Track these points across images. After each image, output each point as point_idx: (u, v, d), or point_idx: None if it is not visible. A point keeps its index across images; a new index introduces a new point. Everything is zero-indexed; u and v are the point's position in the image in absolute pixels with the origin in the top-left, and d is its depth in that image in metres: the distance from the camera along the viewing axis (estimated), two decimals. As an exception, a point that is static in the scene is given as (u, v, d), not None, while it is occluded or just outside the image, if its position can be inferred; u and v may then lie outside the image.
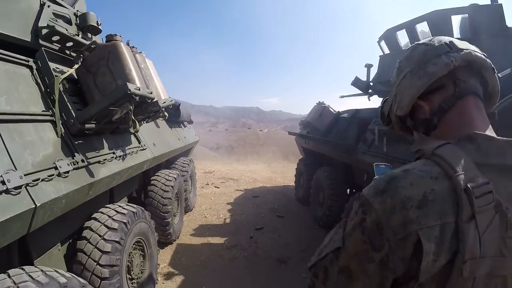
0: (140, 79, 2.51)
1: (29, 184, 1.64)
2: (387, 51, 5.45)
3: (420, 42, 0.94)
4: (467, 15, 4.22)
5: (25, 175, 1.64)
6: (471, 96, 0.84)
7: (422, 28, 4.68)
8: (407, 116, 0.96)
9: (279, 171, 13.36)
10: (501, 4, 4.18)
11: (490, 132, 0.81)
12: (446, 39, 0.88)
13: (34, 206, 1.61)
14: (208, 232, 5.81)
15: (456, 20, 4.43)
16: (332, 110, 6.79)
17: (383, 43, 5.49)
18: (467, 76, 0.85)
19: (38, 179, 1.72)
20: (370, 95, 6.51)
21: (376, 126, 4.12)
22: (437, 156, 0.73)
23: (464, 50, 0.83)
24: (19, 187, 1.57)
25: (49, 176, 1.81)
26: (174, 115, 5.50)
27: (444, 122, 0.86)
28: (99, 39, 3.55)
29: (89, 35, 3.16)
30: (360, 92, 6.62)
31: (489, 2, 4.40)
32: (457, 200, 0.66)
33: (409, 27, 4.75)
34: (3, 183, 1.49)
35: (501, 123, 2.42)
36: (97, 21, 3.00)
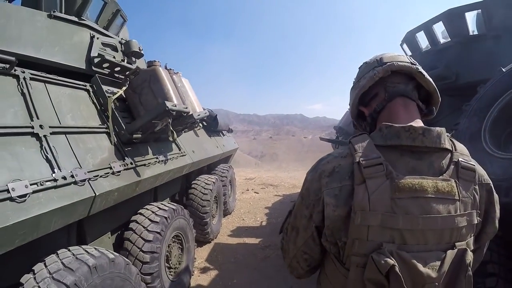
0: (177, 96, 3.09)
1: (91, 179, 2.22)
2: (409, 53, 5.47)
3: (365, 60, 1.19)
4: (480, 10, 4.16)
5: (88, 172, 2.22)
6: (399, 98, 1.06)
7: (441, 27, 4.67)
8: (360, 119, 1.23)
9: None
10: None
11: (415, 123, 0.99)
12: (380, 56, 1.12)
13: (94, 194, 2.17)
14: (244, 234, 6.21)
15: (471, 17, 4.39)
16: None
17: (405, 46, 5.50)
18: (396, 83, 1.08)
19: (98, 176, 2.30)
20: None
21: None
22: (350, 142, 0.98)
23: (387, 63, 1.06)
24: (84, 180, 2.15)
25: (105, 173, 2.39)
26: (212, 125, 6.05)
27: (379, 120, 1.09)
28: (142, 61, 4.19)
29: (133, 59, 3.80)
30: None
31: None
32: (353, 170, 0.91)
33: (426, 28, 4.76)
34: (73, 176, 2.06)
35: (505, 117, 2.53)
36: (139, 47, 3.62)
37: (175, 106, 2.79)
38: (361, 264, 0.87)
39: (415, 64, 1.06)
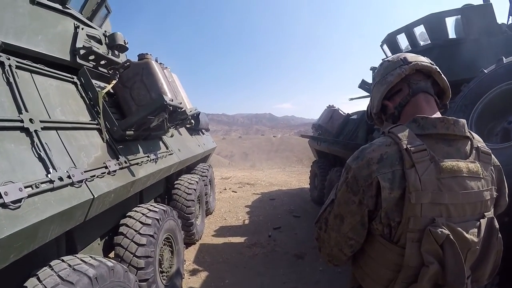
0: (170, 91, 2.86)
1: (88, 180, 1.97)
2: (389, 54, 5.61)
3: (386, 59, 1.29)
4: (460, 16, 4.40)
5: (84, 171, 1.97)
6: (422, 94, 1.18)
7: (421, 30, 4.89)
8: (380, 113, 1.30)
9: (294, 175, 13.58)
10: (491, 3, 4.37)
11: (437, 115, 1.13)
12: (403, 55, 1.22)
13: (92, 197, 1.92)
14: (228, 233, 6.07)
15: (450, 22, 4.62)
16: (342, 113, 7.00)
17: (385, 47, 5.65)
18: (418, 80, 1.19)
19: (94, 176, 2.05)
20: (365, 96, 6.70)
21: None
22: (390, 132, 1.07)
23: (413, 62, 1.17)
24: (81, 181, 1.89)
25: (101, 173, 2.14)
26: (194, 122, 5.83)
27: (404, 114, 1.20)
28: (125, 56, 3.91)
29: (117, 52, 3.52)
30: (368, 94, 6.82)
31: (481, 2, 4.59)
32: (402, 156, 1.00)
33: (408, 30, 4.96)
34: (70, 177, 1.81)
35: (488, 113, 2.65)
36: (124, 40, 3.35)
37: (172, 101, 2.57)
38: (416, 239, 0.96)
39: (433, 64, 1.19)
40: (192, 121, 3.73)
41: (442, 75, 1.20)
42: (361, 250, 1.15)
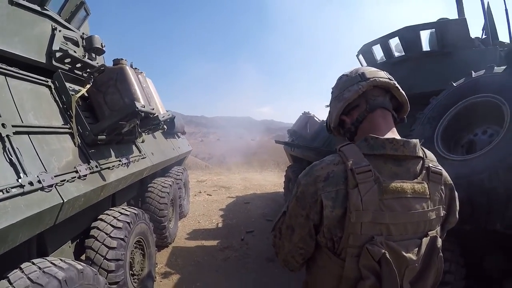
0: (143, 97, 2.93)
1: (58, 184, 2.03)
2: (365, 64, 5.76)
3: (344, 73, 1.31)
4: (434, 30, 4.52)
5: (54, 176, 2.03)
6: (379, 109, 1.20)
7: (396, 42, 5.00)
8: (339, 127, 1.33)
9: (269, 179, 13.73)
10: (465, 18, 4.53)
11: (391, 133, 1.17)
12: (361, 70, 1.24)
13: (62, 201, 1.98)
14: (201, 236, 6.13)
15: (425, 35, 4.73)
16: (317, 119, 7.20)
17: (361, 57, 5.79)
18: (376, 95, 1.21)
19: (64, 180, 2.11)
20: None
21: None
22: (340, 151, 1.12)
23: (371, 79, 1.19)
24: (51, 185, 1.95)
25: (72, 178, 2.19)
26: (169, 126, 5.86)
27: (361, 129, 1.22)
28: (102, 59, 3.94)
29: (93, 55, 3.56)
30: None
31: (456, 17, 4.80)
32: (347, 176, 1.05)
33: (383, 42, 5.09)
34: (40, 182, 1.87)
35: (454, 125, 2.79)
36: (101, 43, 3.40)
37: (144, 107, 2.65)
38: (355, 254, 1.02)
39: (392, 80, 1.22)
40: (165, 126, 3.80)
41: (401, 90, 1.23)
42: (313, 258, 1.21)
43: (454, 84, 2.99)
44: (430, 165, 1.13)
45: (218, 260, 5.05)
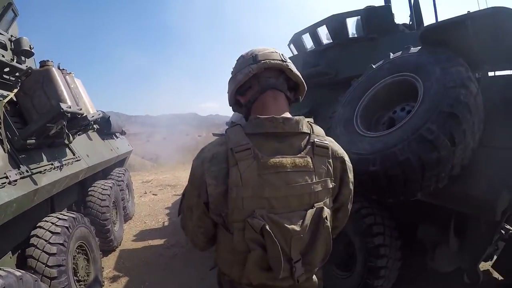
0: (71, 98, 2.95)
1: (-13, 191, 2.02)
2: (296, 53, 5.93)
3: (242, 54, 1.35)
4: (360, 17, 4.70)
5: (-17, 183, 2.02)
6: (270, 91, 1.26)
7: (325, 30, 5.14)
8: (236, 106, 1.40)
9: None
10: (390, 5, 4.89)
11: (281, 112, 1.23)
12: (255, 53, 1.26)
13: (-8, 207, 1.99)
14: (148, 236, 6.12)
15: (351, 22, 4.94)
16: None
17: (292, 46, 5.94)
18: (268, 77, 1.25)
19: (-6, 186, 2.10)
20: None
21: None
22: (226, 133, 1.20)
23: (261, 61, 1.22)
24: (-20, 192, 1.95)
25: (2, 184, 2.19)
26: (105, 127, 5.78)
27: (253, 110, 1.29)
28: (32, 60, 3.82)
29: (23, 58, 3.46)
30: None
31: (383, 4, 5.06)
32: (228, 155, 1.11)
33: (312, 31, 5.27)
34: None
35: (374, 105, 2.96)
36: (30, 45, 3.32)
37: (70, 107, 2.67)
38: (241, 228, 1.09)
39: (285, 61, 1.26)
40: (96, 126, 3.80)
41: (294, 71, 1.27)
42: (216, 236, 1.29)
43: (373, 66, 3.11)
44: (315, 140, 1.17)
45: (166, 258, 5.10)
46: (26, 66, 2.91)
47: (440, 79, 2.31)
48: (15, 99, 2.91)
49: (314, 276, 1.25)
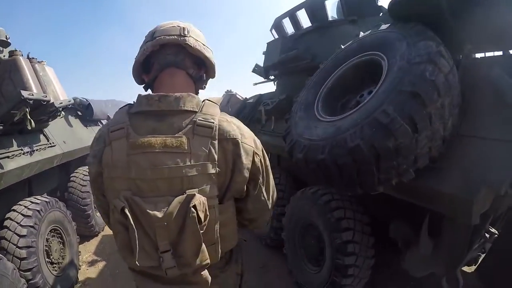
0: (37, 85, 3.12)
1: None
2: (277, 37, 5.82)
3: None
4: None
5: None
6: (168, 68, 1.20)
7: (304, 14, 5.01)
8: (142, 84, 1.33)
9: None
10: None
11: (181, 91, 1.14)
12: (156, 28, 1.20)
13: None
14: (132, 223, 6.28)
15: (331, 4, 4.82)
16: (240, 97, 7.29)
17: (273, 31, 5.87)
18: (168, 54, 1.19)
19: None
20: (270, 80, 6.83)
21: (262, 106, 4.70)
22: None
23: (157, 38, 1.15)
24: None
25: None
26: (87, 114, 5.92)
27: (154, 88, 1.25)
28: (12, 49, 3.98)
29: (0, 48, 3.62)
30: (272, 78, 6.81)
31: None
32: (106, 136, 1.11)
33: (291, 15, 5.16)
34: None
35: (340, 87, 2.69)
36: (6, 36, 3.48)
37: (32, 95, 2.83)
38: (112, 209, 1.07)
39: (184, 36, 1.17)
40: (63, 113, 3.96)
41: (195, 46, 1.18)
42: None
43: (342, 46, 2.90)
44: (198, 118, 1.09)
45: (145, 244, 5.25)
46: (4, 56, 3.08)
47: (405, 55, 1.99)
48: None
49: (205, 272, 1.12)
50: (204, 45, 1.24)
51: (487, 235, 2.34)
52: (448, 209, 1.95)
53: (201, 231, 1.02)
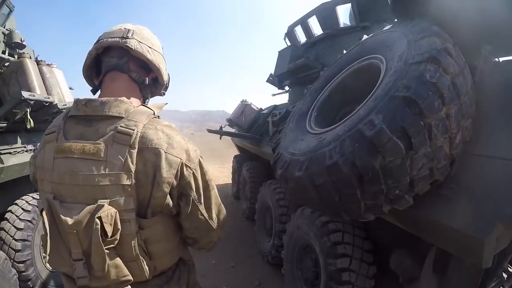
0: (41, 87, 3.40)
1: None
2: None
3: None
4: (350, 4, 4.44)
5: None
6: (110, 72, 1.19)
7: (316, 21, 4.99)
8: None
9: (229, 170, 13.95)
10: None
11: (120, 96, 1.12)
12: (105, 31, 1.20)
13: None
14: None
15: (342, 10, 4.70)
16: (255, 107, 7.06)
17: (287, 39, 5.93)
18: (111, 57, 1.19)
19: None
20: (286, 91, 6.81)
21: (270, 118, 4.62)
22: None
23: (100, 41, 1.16)
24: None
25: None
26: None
27: (101, 91, 1.22)
28: (30, 51, 4.33)
29: (18, 50, 3.99)
30: (287, 89, 6.80)
31: None
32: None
33: (303, 22, 5.16)
34: None
35: (344, 92, 2.38)
36: (21, 38, 3.83)
37: (34, 96, 3.08)
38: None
39: (126, 38, 1.15)
40: None
41: (137, 48, 1.16)
42: None
43: (344, 51, 2.74)
44: (120, 125, 1.04)
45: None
46: (7, 58, 3.40)
47: (404, 54, 1.70)
48: None
49: None
50: (150, 47, 1.21)
51: (505, 275, 2.00)
52: (454, 248, 1.58)
53: (112, 245, 0.99)
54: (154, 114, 1.14)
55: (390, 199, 1.52)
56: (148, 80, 1.26)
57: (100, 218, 0.94)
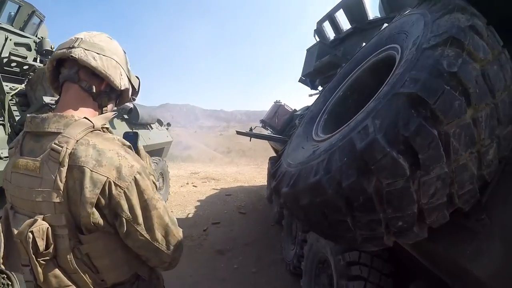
0: None
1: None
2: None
3: None
4: None
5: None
6: (64, 83, 1.22)
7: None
8: None
9: (265, 171, 14.01)
10: None
11: (71, 107, 1.18)
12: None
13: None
14: (166, 225, 6.70)
15: (370, 3, 4.46)
16: (288, 108, 7.16)
17: (316, 36, 5.75)
18: (65, 69, 1.21)
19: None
20: (320, 91, 6.58)
21: (298, 119, 4.51)
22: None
23: (54, 53, 1.20)
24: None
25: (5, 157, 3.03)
26: (132, 117, 6.40)
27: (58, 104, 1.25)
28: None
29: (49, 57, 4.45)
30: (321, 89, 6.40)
31: None
32: None
33: (330, 17, 4.98)
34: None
35: (360, 92, 2.05)
36: (51, 46, 4.24)
37: (54, 100, 3.39)
38: None
39: (71, 48, 1.15)
40: None
41: (81, 57, 1.14)
42: None
43: (363, 44, 2.59)
44: (54, 142, 1.06)
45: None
46: (34, 65, 3.80)
47: (419, 38, 1.34)
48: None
49: None
50: (98, 53, 1.19)
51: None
52: None
53: (47, 257, 1.06)
54: (93, 127, 1.14)
55: (393, 231, 1.17)
56: (102, 87, 1.25)
57: (32, 232, 1.01)
